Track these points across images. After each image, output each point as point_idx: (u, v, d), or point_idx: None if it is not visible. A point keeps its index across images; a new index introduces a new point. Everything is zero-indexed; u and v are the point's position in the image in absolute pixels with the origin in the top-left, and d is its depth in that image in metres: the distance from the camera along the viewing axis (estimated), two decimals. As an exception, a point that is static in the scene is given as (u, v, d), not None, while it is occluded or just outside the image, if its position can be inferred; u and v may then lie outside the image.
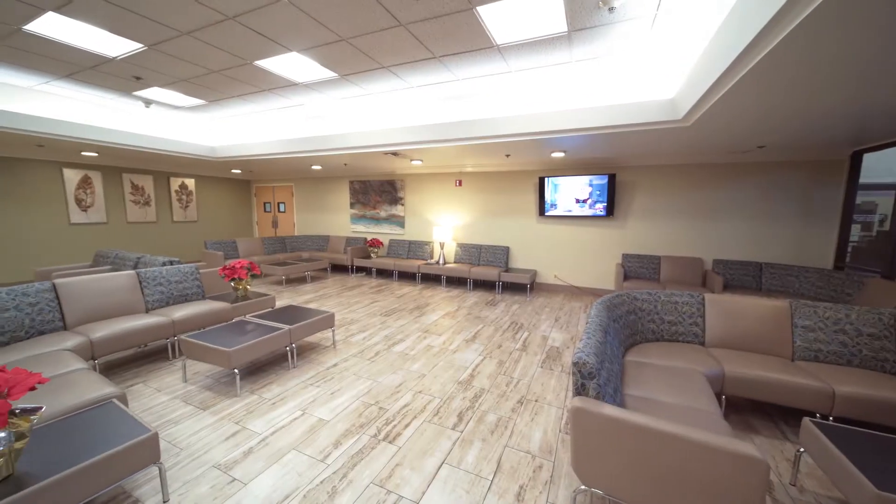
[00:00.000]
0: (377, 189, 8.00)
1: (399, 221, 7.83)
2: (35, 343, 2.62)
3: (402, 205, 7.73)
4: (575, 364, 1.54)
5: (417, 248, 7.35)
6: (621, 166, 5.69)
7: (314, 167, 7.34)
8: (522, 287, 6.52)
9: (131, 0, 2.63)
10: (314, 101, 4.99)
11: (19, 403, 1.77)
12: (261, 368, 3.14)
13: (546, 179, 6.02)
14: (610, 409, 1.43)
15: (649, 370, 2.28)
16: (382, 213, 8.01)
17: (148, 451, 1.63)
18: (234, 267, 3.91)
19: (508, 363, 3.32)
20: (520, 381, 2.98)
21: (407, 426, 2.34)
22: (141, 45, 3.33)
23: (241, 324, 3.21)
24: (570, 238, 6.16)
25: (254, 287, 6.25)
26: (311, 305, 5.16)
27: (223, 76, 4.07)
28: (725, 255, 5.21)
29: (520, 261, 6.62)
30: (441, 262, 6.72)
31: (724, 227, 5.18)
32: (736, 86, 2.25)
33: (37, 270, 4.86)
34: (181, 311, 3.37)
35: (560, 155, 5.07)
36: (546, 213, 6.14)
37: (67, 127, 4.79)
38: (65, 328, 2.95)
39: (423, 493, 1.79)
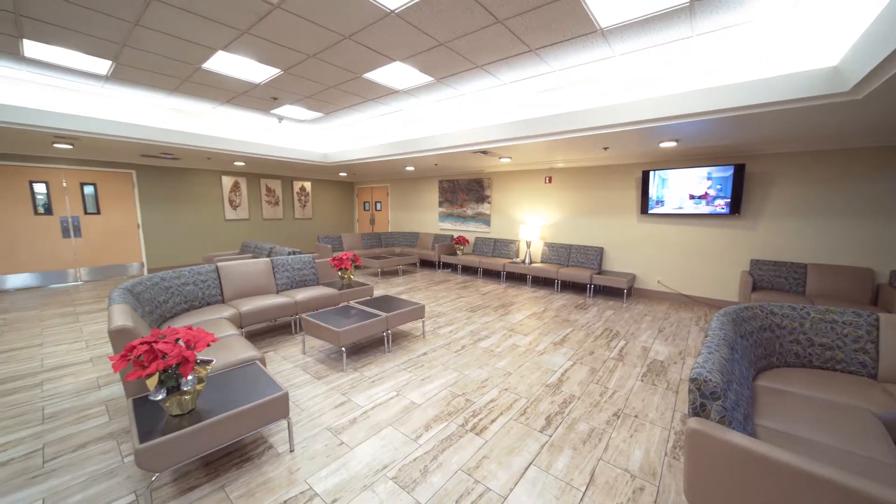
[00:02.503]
0: (465, 188, 8.17)
1: (485, 219, 7.88)
2: (204, 311, 3.38)
3: (489, 203, 7.76)
4: (693, 381, 1.36)
5: (503, 247, 7.30)
6: (752, 154, 4.77)
7: (408, 168, 7.85)
8: (618, 292, 5.97)
9: (275, 33, 3.17)
10: (411, 106, 5.33)
11: (199, 356, 2.29)
12: (362, 349, 3.50)
13: (651, 173, 5.39)
14: (740, 438, 1.23)
15: (791, 401, 1.88)
16: (469, 212, 8.16)
17: (281, 407, 1.97)
18: (341, 258, 4.43)
19: (602, 372, 3.08)
20: (615, 392, 2.75)
21: (493, 421, 2.36)
22: (279, 70, 4.00)
23: (346, 308, 3.63)
24: (680, 239, 5.41)
25: (355, 277, 6.99)
26: (403, 297, 5.54)
27: (338, 90, 4.64)
28: (913, 265, 3.97)
29: (615, 263, 6.07)
30: (527, 261, 6.56)
31: (912, 229, 3.95)
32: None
33: (204, 255, 6.24)
34: (301, 294, 3.97)
35: (671, 145, 4.48)
36: (650, 211, 5.50)
37: (227, 143, 6.03)
38: (223, 301, 3.73)
39: (511, 490, 1.79)
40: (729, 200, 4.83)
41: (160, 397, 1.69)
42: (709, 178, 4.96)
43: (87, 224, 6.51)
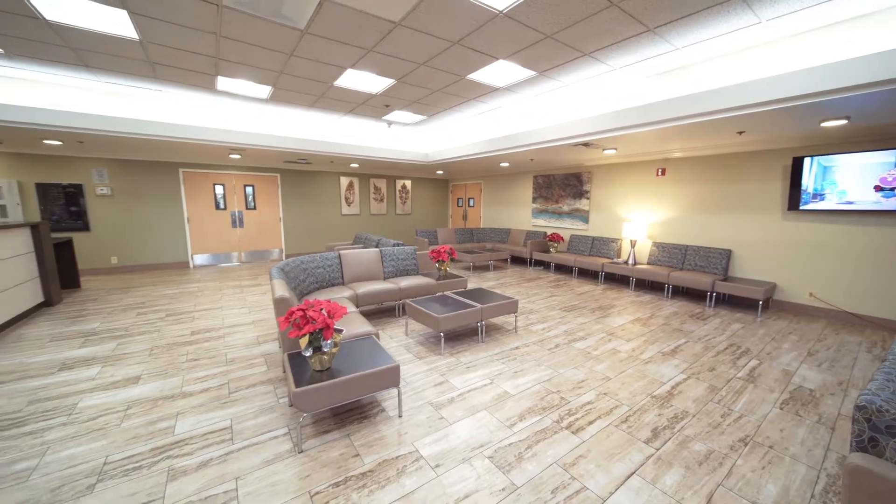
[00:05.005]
0: (561, 183, 7.83)
1: (583, 216, 7.44)
2: (330, 291, 4.01)
3: (588, 198, 7.30)
4: (861, 409, 1.13)
5: (602, 246, 6.80)
6: (982, 131, 3.49)
7: (503, 164, 7.88)
8: (750, 303, 5.04)
9: (393, 48, 3.56)
10: (510, 102, 5.34)
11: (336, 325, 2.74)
12: (456, 337, 3.72)
13: (807, 160, 4.38)
14: (927, 485, 0.99)
15: None
16: (565, 208, 7.80)
17: (393, 376, 2.26)
18: (439, 251, 4.74)
19: (725, 392, 2.70)
20: (743, 416, 2.38)
21: (591, 423, 2.30)
22: (393, 80, 4.46)
23: (443, 297, 3.89)
24: (846, 242, 4.29)
25: (450, 270, 7.36)
26: (495, 291, 5.64)
27: (442, 93, 4.93)
28: None
29: (747, 269, 5.12)
30: (631, 261, 6.00)
31: None
32: None
33: (326, 244, 7.33)
34: (404, 282, 4.39)
35: (839, 123, 3.57)
36: (802, 207, 4.48)
37: (348, 147, 6.95)
38: (343, 284, 4.37)
39: (611, 494, 1.74)
40: (933, 194, 3.64)
41: (308, 354, 2.12)
42: (900, 165, 3.81)
43: (247, 217, 8.26)
